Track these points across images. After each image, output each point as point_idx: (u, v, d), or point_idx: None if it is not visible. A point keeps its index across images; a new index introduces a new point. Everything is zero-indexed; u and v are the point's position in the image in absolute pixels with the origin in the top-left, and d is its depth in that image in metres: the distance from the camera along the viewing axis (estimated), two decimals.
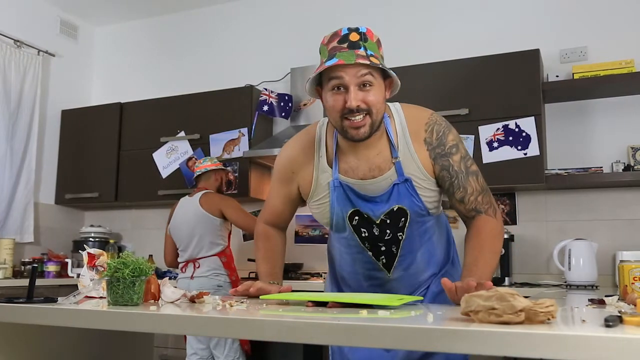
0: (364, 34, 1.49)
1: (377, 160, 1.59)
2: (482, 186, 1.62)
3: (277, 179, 1.76)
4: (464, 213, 1.62)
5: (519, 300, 0.98)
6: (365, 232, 1.64)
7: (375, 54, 1.48)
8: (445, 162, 1.59)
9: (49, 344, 1.66)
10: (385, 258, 1.67)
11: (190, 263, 3.36)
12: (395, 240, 1.64)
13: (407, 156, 1.59)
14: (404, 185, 1.58)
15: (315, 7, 4.26)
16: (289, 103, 3.94)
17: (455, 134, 1.63)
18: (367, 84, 1.48)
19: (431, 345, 0.94)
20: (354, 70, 1.46)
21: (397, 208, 1.60)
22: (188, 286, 3.17)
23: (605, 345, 0.83)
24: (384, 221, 1.62)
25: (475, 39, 3.67)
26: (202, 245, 3.34)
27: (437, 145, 1.59)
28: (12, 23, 4.32)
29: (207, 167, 3.52)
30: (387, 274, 1.69)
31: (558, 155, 3.41)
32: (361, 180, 1.60)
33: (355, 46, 1.47)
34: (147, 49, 4.87)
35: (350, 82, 1.47)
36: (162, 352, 3.66)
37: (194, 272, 3.32)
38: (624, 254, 2.69)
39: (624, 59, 3.24)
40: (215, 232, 3.36)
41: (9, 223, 4.17)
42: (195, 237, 3.35)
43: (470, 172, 1.61)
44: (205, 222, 3.34)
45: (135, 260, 1.38)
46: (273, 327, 1.08)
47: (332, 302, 1.34)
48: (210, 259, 3.33)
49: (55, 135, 4.65)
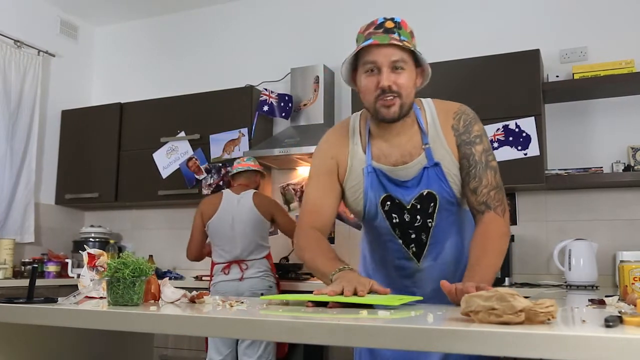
0: (398, 23, 1.59)
1: (408, 146, 1.66)
2: (498, 183, 1.65)
3: (317, 169, 1.75)
4: (474, 205, 1.64)
5: (519, 300, 0.98)
6: (397, 217, 1.68)
7: (408, 41, 1.57)
8: (467, 150, 1.64)
9: (49, 344, 1.66)
10: (415, 246, 1.70)
11: (235, 264, 3.19)
12: (425, 227, 1.68)
13: (436, 142, 1.65)
14: (433, 169, 1.64)
15: (315, 7, 4.27)
16: (289, 103, 3.94)
17: (481, 127, 1.69)
18: (399, 67, 1.56)
19: (431, 345, 0.94)
20: (387, 51, 1.55)
21: (427, 192, 1.65)
22: (237, 289, 3.09)
23: (605, 346, 0.83)
24: (414, 206, 1.66)
25: (475, 39, 3.68)
26: (253, 247, 3.21)
27: (464, 132, 1.66)
28: (12, 23, 4.32)
29: (250, 166, 3.39)
30: (416, 263, 1.72)
31: (558, 155, 3.41)
32: (393, 166, 1.66)
33: (390, 32, 1.57)
34: (147, 49, 4.87)
35: (383, 64, 1.55)
36: (162, 352, 3.66)
37: (243, 273, 3.16)
38: (624, 254, 2.70)
39: (624, 59, 3.24)
40: (264, 235, 3.27)
41: (9, 223, 4.17)
42: (247, 237, 3.21)
43: (489, 165, 1.65)
44: (259, 224, 3.23)
45: (135, 261, 1.38)
46: (273, 327, 1.08)
47: (332, 302, 1.34)
48: (261, 261, 3.22)
49: (56, 135, 4.65)
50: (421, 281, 1.73)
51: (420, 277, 1.73)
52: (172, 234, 4.43)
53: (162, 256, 4.32)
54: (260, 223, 3.25)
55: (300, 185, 4.08)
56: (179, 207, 4.41)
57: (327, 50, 4.12)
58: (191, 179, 4.10)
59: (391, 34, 1.56)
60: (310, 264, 1.64)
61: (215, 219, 3.27)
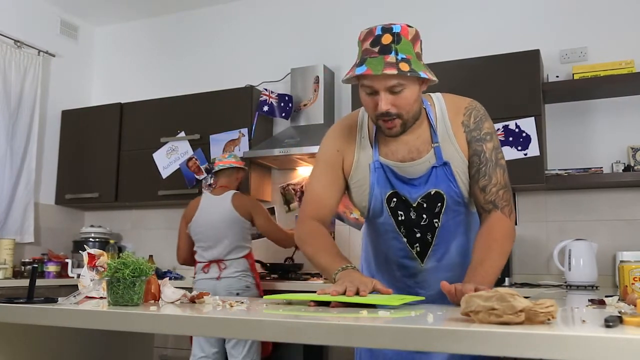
0: (397, 34, 1.48)
1: (416, 143, 1.64)
2: (506, 182, 1.64)
3: (322, 160, 1.74)
4: (482, 204, 1.63)
5: (519, 300, 0.98)
6: (402, 215, 1.66)
7: (408, 56, 1.47)
8: (478, 147, 1.63)
9: (49, 344, 1.66)
10: (419, 246, 1.68)
11: (214, 263, 3.25)
12: (431, 227, 1.66)
13: (445, 140, 1.63)
14: (442, 168, 1.62)
15: (315, 7, 4.27)
16: (289, 103, 3.94)
17: (491, 124, 1.67)
18: (397, 91, 1.50)
19: (431, 345, 0.94)
20: (382, 78, 1.48)
21: (434, 192, 1.63)
22: (214, 287, 3.12)
23: (605, 346, 0.83)
24: (421, 205, 1.64)
25: (475, 39, 3.68)
26: (231, 247, 3.25)
27: (474, 128, 1.64)
28: (12, 23, 4.32)
29: (231, 163, 3.41)
30: (419, 264, 1.70)
31: (558, 155, 3.41)
32: (400, 162, 1.64)
33: (386, 50, 1.47)
34: (147, 49, 4.87)
35: (380, 89, 1.50)
36: (162, 352, 3.66)
37: (221, 273, 3.21)
38: (624, 254, 2.69)
39: (624, 59, 3.24)
40: (243, 235, 3.29)
41: (9, 223, 4.17)
42: (225, 238, 3.25)
43: (499, 164, 1.64)
44: (237, 224, 3.26)
45: (135, 261, 1.38)
46: (273, 327, 1.08)
47: (334, 302, 1.34)
48: (239, 261, 3.25)
49: (56, 135, 4.65)
50: (425, 282, 1.71)
51: (424, 278, 1.71)
52: (172, 234, 4.41)
53: (162, 256, 4.32)
54: (239, 224, 3.28)
55: (300, 186, 4.08)
56: (179, 207, 4.40)
57: (327, 50, 4.13)
58: (191, 179, 4.10)
59: (387, 55, 1.46)
60: (312, 257, 1.65)
61: (195, 221, 3.34)
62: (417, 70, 1.47)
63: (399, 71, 1.44)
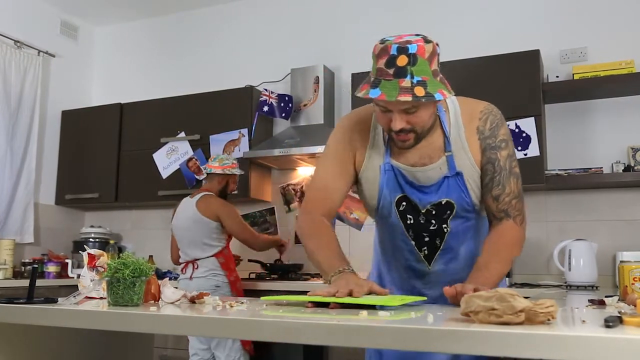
0: (413, 55, 1.40)
1: (428, 150, 1.60)
2: (519, 191, 1.62)
3: (332, 150, 1.69)
4: (494, 212, 1.62)
5: (519, 300, 0.98)
6: (411, 219, 1.64)
7: (424, 77, 1.41)
8: (492, 155, 1.59)
9: (49, 344, 1.66)
10: (427, 250, 1.67)
11: (189, 264, 3.37)
12: (439, 232, 1.64)
13: (458, 148, 1.59)
14: (454, 178, 1.59)
15: (315, 7, 4.27)
16: (289, 103, 3.94)
17: (507, 130, 1.63)
18: (411, 112, 1.46)
19: (431, 345, 0.94)
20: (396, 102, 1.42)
21: (445, 202, 1.61)
22: (187, 286, 3.18)
23: (605, 346, 0.83)
24: (430, 211, 1.63)
25: (475, 40, 3.67)
26: (198, 247, 3.35)
27: (489, 135, 1.60)
28: (12, 23, 4.32)
29: (213, 168, 3.46)
30: (427, 266, 1.69)
31: (558, 155, 3.41)
32: (411, 167, 1.61)
33: (401, 74, 1.40)
34: (147, 49, 4.87)
35: (394, 109, 1.46)
36: (162, 353, 3.66)
37: (193, 272, 3.33)
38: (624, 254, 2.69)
39: (624, 59, 3.24)
40: (210, 235, 3.35)
41: (9, 223, 4.17)
42: (192, 239, 3.36)
43: (513, 172, 1.61)
44: (201, 225, 3.33)
45: (135, 261, 1.39)
46: (273, 327, 1.08)
47: (333, 303, 1.34)
48: (208, 260, 3.33)
49: (56, 135, 4.65)
50: (432, 283, 1.69)
51: (431, 280, 1.70)
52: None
53: (162, 256, 4.31)
54: (203, 224, 3.33)
55: (301, 186, 4.08)
56: None
57: (327, 50, 4.12)
58: (191, 179, 4.10)
59: (402, 79, 1.39)
60: (312, 254, 1.61)
61: (173, 223, 3.49)
62: (432, 92, 1.41)
63: (414, 97, 1.39)
